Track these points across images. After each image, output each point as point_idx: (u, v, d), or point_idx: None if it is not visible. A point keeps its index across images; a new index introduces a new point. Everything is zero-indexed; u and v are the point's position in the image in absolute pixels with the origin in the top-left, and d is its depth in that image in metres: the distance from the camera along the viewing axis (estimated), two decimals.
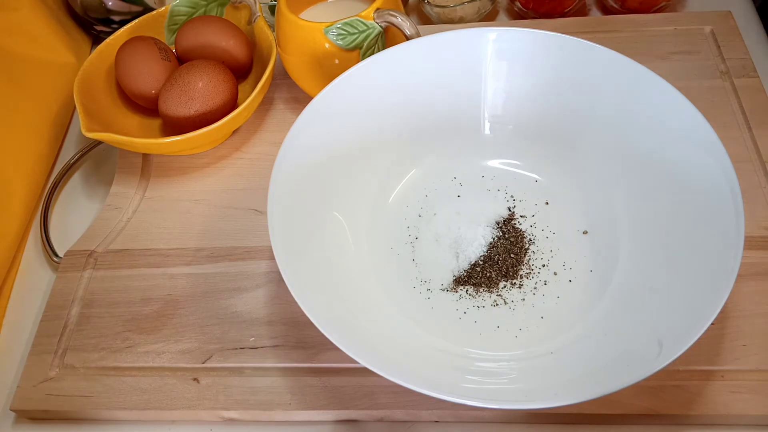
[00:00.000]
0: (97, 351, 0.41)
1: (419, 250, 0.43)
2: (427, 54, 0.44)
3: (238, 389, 0.39)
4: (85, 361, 0.41)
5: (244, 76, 0.55)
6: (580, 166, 0.44)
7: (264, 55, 0.52)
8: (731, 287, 0.32)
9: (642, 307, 0.36)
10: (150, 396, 0.39)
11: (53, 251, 0.48)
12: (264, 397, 0.39)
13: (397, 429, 0.38)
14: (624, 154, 0.42)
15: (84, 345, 0.42)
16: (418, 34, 0.46)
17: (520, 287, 0.41)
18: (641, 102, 0.40)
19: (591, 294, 0.40)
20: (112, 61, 0.51)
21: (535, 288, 0.41)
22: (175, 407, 0.39)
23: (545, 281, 0.41)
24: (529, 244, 0.42)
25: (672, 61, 0.52)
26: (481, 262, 0.42)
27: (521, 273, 0.41)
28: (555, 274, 0.41)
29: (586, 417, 0.37)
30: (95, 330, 0.42)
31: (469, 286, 0.41)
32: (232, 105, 0.49)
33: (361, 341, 0.34)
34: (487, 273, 0.41)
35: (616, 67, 0.41)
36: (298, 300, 0.33)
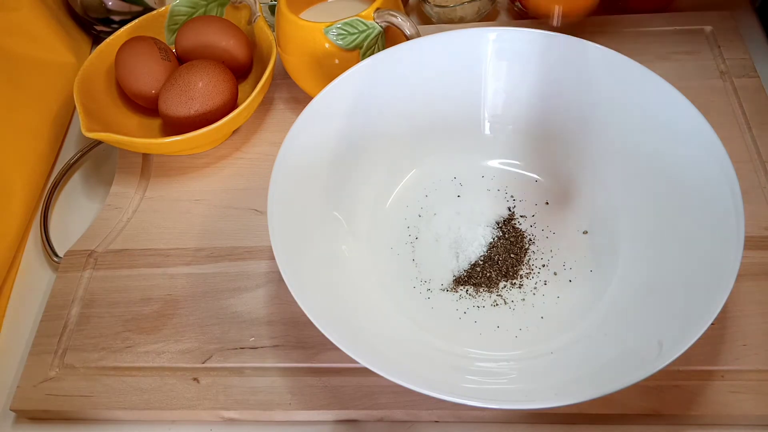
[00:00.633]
0: (97, 351, 0.41)
1: (419, 250, 0.43)
2: (427, 54, 0.44)
3: (238, 389, 0.39)
4: (85, 361, 0.41)
5: (244, 76, 0.55)
6: (580, 166, 0.44)
7: (264, 55, 0.52)
8: (731, 287, 0.32)
9: (642, 307, 0.36)
10: (150, 396, 0.39)
11: (53, 251, 0.48)
12: (264, 397, 0.39)
13: (397, 429, 0.38)
14: (624, 154, 0.42)
15: (84, 345, 0.42)
16: (418, 34, 0.46)
17: (520, 287, 0.41)
18: (641, 102, 0.40)
19: (591, 294, 0.40)
20: (112, 61, 0.51)
21: (535, 288, 0.41)
22: (175, 407, 0.39)
23: (545, 281, 0.41)
24: (529, 244, 0.42)
25: (672, 61, 0.52)
26: (481, 262, 0.42)
27: (521, 273, 0.41)
28: (555, 274, 0.41)
29: (586, 417, 0.37)
30: (95, 330, 0.42)
31: (469, 286, 0.41)
32: (232, 105, 0.49)
33: (361, 341, 0.34)
34: (487, 273, 0.41)
35: (616, 67, 0.41)
36: (298, 300, 0.33)
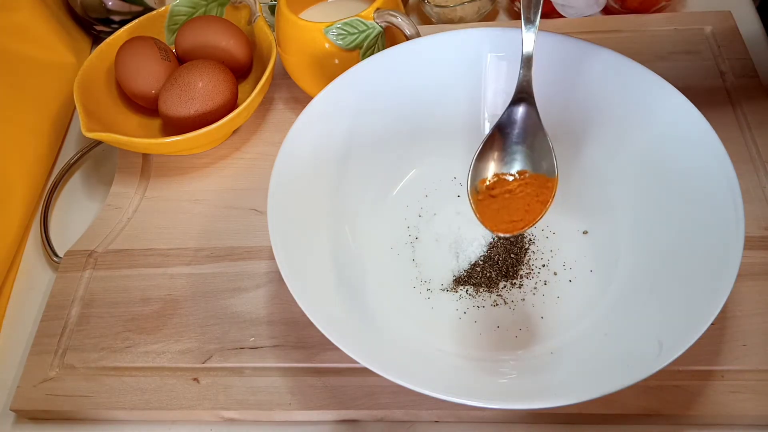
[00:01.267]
0: (97, 351, 0.41)
1: (419, 250, 0.43)
2: (427, 54, 0.44)
3: (238, 389, 0.39)
4: (85, 361, 0.41)
5: (244, 76, 0.55)
6: (580, 166, 0.44)
7: (264, 55, 0.52)
8: (731, 287, 0.32)
9: (642, 307, 0.36)
10: (150, 396, 0.39)
11: (53, 251, 0.48)
12: (264, 397, 0.39)
13: (397, 429, 0.38)
14: (624, 154, 0.42)
15: (84, 345, 0.42)
16: (418, 34, 0.46)
17: (520, 287, 0.41)
18: (641, 102, 0.40)
19: (591, 294, 0.40)
20: (112, 61, 0.51)
21: (535, 288, 0.41)
22: (175, 407, 0.39)
23: (545, 281, 0.41)
24: (529, 244, 0.42)
25: (672, 61, 0.52)
26: (481, 262, 0.42)
27: (521, 273, 0.41)
28: (555, 274, 0.41)
29: (586, 417, 0.37)
30: (95, 330, 0.42)
31: (469, 286, 0.41)
32: (232, 105, 0.49)
33: (361, 341, 0.34)
34: (487, 273, 0.41)
35: (616, 67, 0.41)
36: (298, 300, 0.33)
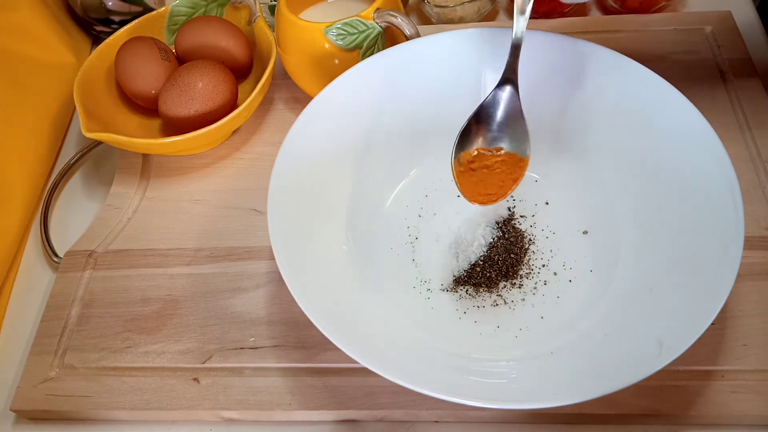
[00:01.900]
0: (97, 351, 0.41)
1: (419, 250, 0.43)
2: (427, 54, 0.44)
3: (238, 389, 0.39)
4: (85, 361, 0.41)
5: (244, 76, 0.55)
6: (581, 166, 0.44)
7: (264, 55, 0.52)
8: (731, 287, 0.32)
9: (642, 307, 0.36)
10: (150, 396, 0.39)
11: (53, 251, 0.48)
12: (264, 397, 0.39)
13: (397, 429, 0.38)
14: (624, 154, 0.42)
15: (84, 345, 0.42)
16: (418, 34, 0.46)
17: (520, 287, 0.41)
18: (641, 102, 0.40)
19: (591, 294, 0.40)
20: (112, 61, 0.51)
21: (535, 288, 0.41)
22: (175, 407, 0.39)
23: (545, 281, 0.41)
24: (529, 244, 0.42)
25: (672, 61, 0.52)
26: (481, 262, 0.42)
27: (521, 273, 0.41)
28: (555, 274, 0.41)
29: (586, 417, 0.37)
30: (95, 330, 0.42)
31: (469, 286, 0.41)
32: (232, 105, 0.49)
33: (361, 341, 0.34)
34: (487, 273, 0.41)
35: (616, 67, 0.41)
36: (298, 300, 0.33)
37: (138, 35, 0.52)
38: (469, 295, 0.41)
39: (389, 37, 0.48)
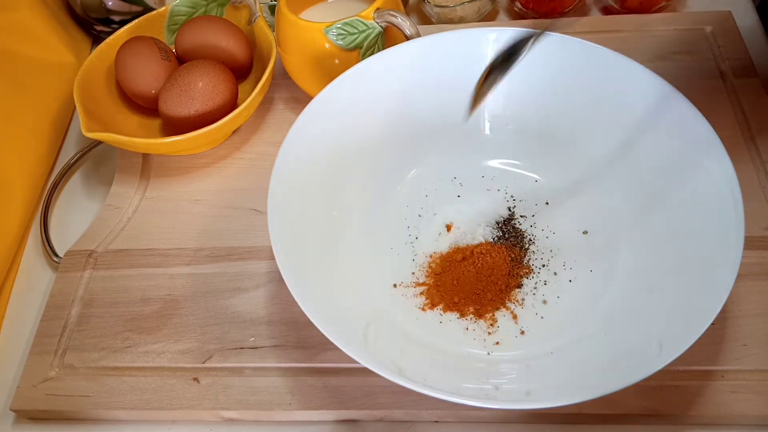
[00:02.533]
0: (97, 351, 0.41)
1: (419, 250, 0.43)
2: (427, 54, 0.44)
3: (238, 389, 0.39)
4: (85, 361, 0.41)
5: (244, 76, 0.55)
6: (580, 166, 0.44)
7: (264, 55, 0.52)
8: (731, 287, 0.32)
9: (642, 307, 0.36)
10: (150, 396, 0.39)
11: (53, 251, 0.48)
12: (264, 397, 0.39)
13: (397, 429, 0.38)
14: (624, 154, 0.42)
15: (84, 345, 0.42)
16: (418, 34, 0.46)
17: (520, 287, 0.41)
18: (641, 102, 0.40)
19: (591, 294, 0.40)
20: (112, 61, 0.51)
21: (535, 288, 0.41)
22: (175, 407, 0.39)
23: (545, 281, 0.41)
24: (529, 244, 0.42)
25: (672, 61, 0.52)
26: None
27: (521, 273, 0.41)
28: (555, 274, 0.41)
29: (586, 417, 0.37)
30: (95, 330, 0.42)
31: None
32: (232, 105, 0.49)
33: (361, 341, 0.34)
34: None
35: (615, 67, 0.41)
36: (298, 300, 0.33)
37: (138, 35, 0.52)
38: None
39: (389, 37, 0.48)
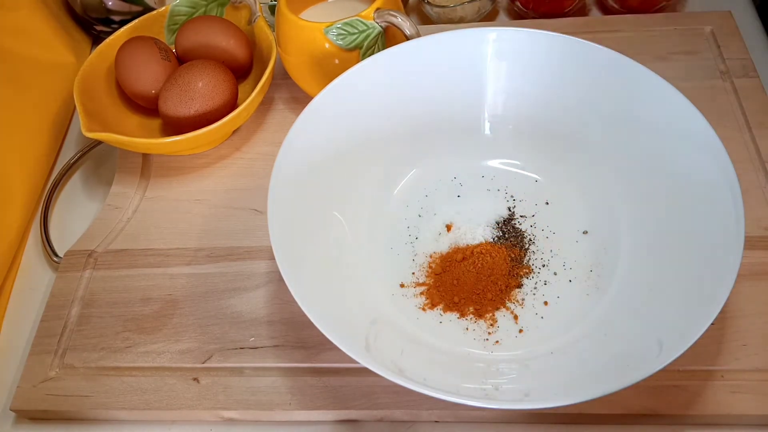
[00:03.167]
0: (97, 351, 0.41)
1: (419, 250, 0.43)
2: (427, 54, 0.44)
3: (238, 389, 0.39)
4: (85, 361, 0.41)
5: (244, 76, 0.55)
6: (580, 166, 0.44)
7: (264, 55, 0.52)
8: (731, 287, 0.32)
9: (642, 307, 0.36)
10: (150, 396, 0.39)
11: (53, 251, 0.48)
12: (264, 397, 0.39)
13: (397, 429, 0.38)
14: (624, 154, 0.42)
15: (84, 345, 0.42)
16: (418, 34, 0.46)
17: (520, 287, 0.41)
18: (641, 102, 0.40)
19: (591, 294, 0.40)
20: (112, 61, 0.51)
21: (535, 288, 0.41)
22: (175, 407, 0.39)
23: (545, 281, 0.41)
24: (529, 244, 0.42)
25: (672, 61, 0.52)
26: None
27: (521, 273, 0.41)
28: (555, 274, 0.41)
29: (586, 417, 0.37)
30: (95, 330, 0.42)
31: None
32: (232, 105, 0.49)
33: (361, 341, 0.34)
34: None
35: (616, 67, 0.41)
36: (298, 300, 0.33)
37: (138, 35, 0.52)
38: None
39: (389, 37, 0.48)
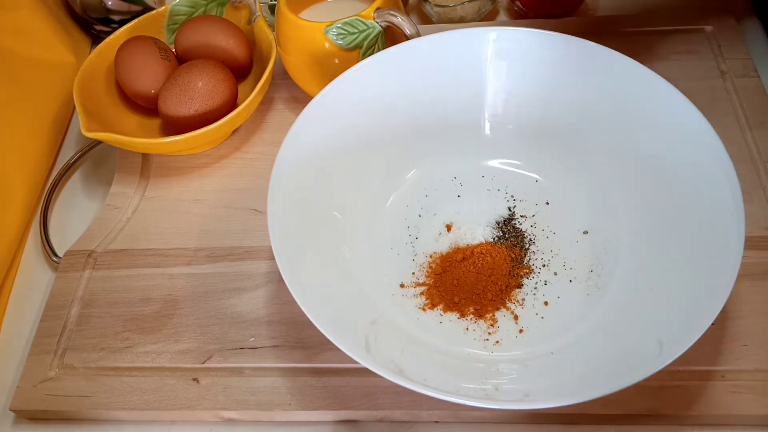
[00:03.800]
0: (97, 351, 0.41)
1: (419, 250, 0.43)
2: (427, 54, 0.44)
3: (238, 389, 0.39)
4: (85, 361, 0.41)
5: (244, 76, 0.55)
6: (580, 166, 0.44)
7: (264, 55, 0.52)
8: (731, 287, 0.32)
9: (642, 307, 0.36)
10: (150, 396, 0.39)
11: (53, 251, 0.48)
12: (264, 397, 0.39)
13: (397, 429, 0.38)
14: (624, 154, 0.42)
15: (84, 345, 0.42)
16: (419, 34, 0.46)
17: (520, 287, 0.41)
18: (641, 102, 0.40)
19: (591, 294, 0.40)
20: (112, 61, 0.51)
21: (535, 288, 0.41)
22: (175, 407, 0.39)
23: (545, 281, 0.41)
24: (530, 244, 0.42)
25: (672, 61, 0.52)
26: None
27: (521, 273, 0.41)
28: (555, 274, 0.41)
29: (586, 417, 0.37)
30: (95, 330, 0.42)
31: None
32: (232, 105, 0.49)
33: (361, 341, 0.34)
34: None
35: (616, 66, 0.41)
36: (298, 300, 0.33)
37: (138, 34, 0.52)
38: None
39: (389, 36, 0.48)
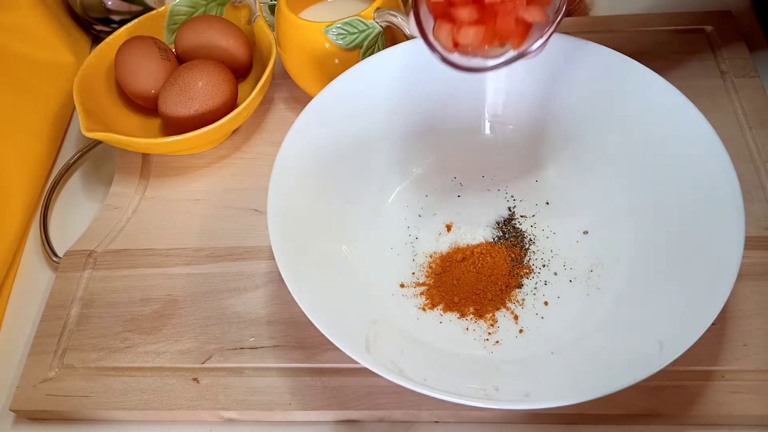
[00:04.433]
0: (97, 351, 0.41)
1: (419, 250, 0.43)
2: (427, 54, 0.44)
3: (238, 389, 0.39)
4: (85, 361, 0.41)
5: (244, 76, 0.55)
6: (580, 166, 0.44)
7: (264, 55, 0.52)
8: (731, 287, 0.32)
9: (642, 307, 0.36)
10: (150, 396, 0.39)
11: (53, 251, 0.48)
12: (264, 397, 0.39)
13: (397, 429, 0.38)
14: (624, 154, 0.42)
15: (83, 345, 0.42)
16: None
17: (520, 287, 0.41)
18: (641, 102, 0.40)
19: (591, 294, 0.40)
20: (112, 61, 0.51)
21: (535, 288, 0.41)
22: (174, 407, 0.39)
23: (545, 281, 0.41)
24: (530, 244, 0.42)
25: (672, 61, 0.52)
26: None
27: (521, 273, 0.41)
28: (555, 274, 0.41)
29: (586, 417, 0.37)
30: (95, 330, 0.42)
31: None
32: (232, 105, 0.49)
33: (361, 341, 0.34)
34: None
35: (616, 66, 0.41)
36: (298, 300, 0.33)
37: (138, 35, 0.52)
38: None
39: (389, 36, 0.48)
